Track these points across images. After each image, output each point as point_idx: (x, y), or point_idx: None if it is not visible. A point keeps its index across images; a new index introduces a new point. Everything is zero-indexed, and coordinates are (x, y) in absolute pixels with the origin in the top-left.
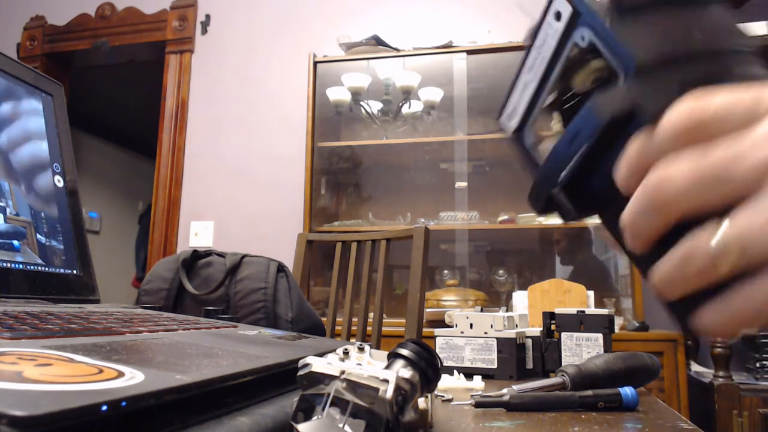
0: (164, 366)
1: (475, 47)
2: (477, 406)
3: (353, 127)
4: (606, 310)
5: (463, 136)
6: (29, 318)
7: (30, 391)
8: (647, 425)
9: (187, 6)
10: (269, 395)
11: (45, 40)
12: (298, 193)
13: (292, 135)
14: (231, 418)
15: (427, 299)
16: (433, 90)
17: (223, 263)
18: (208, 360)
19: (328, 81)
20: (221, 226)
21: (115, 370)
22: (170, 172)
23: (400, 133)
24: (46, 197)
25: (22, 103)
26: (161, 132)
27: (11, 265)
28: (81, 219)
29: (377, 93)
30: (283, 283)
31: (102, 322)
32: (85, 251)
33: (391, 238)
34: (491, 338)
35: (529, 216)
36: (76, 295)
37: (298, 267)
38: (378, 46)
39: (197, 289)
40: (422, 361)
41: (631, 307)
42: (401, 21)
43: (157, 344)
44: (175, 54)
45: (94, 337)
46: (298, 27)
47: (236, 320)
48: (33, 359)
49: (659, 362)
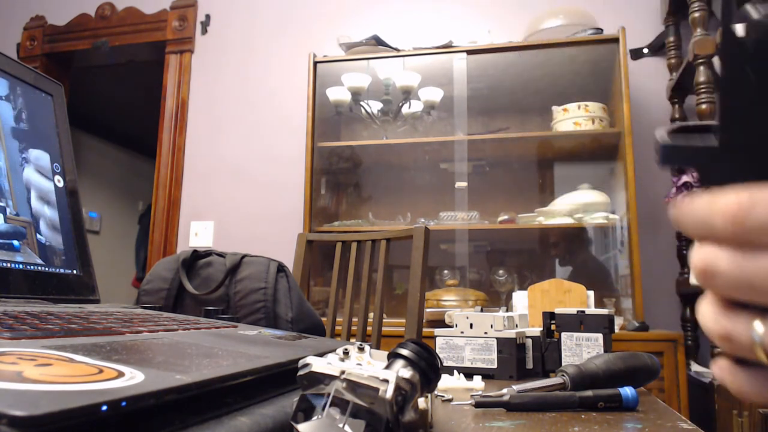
0: (164, 366)
1: (475, 47)
2: (477, 406)
3: (353, 127)
4: (606, 310)
5: (463, 136)
6: (29, 318)
7: (30, 391)
8: (647, 425)
9: (187, 6)
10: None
11: (45, 40)
12: (298, 193)
13: (292, 135)
14: (231, 418)
15: (427, 299)
16: (433, 90)
17: (223, 263)
18: (208, 360)
19: (328, 81)
20: (221, 226)
21: (115, 370)
22: (170, 172)
23: (400, 133)
24: (46, 197)
25: (22, 103)
26: (161, 132)
27: (11, 265)
28: (81, 219)
29: (377, 93)
30: (283, 283)
31: (102, 322)
32: (85, 251)
33: (391, 238)
34: (491, 338)
35: (529, 216)
36: (76, 295)
37: (298, 267)
38: (378, 46)
39: (197, 289)
40: (422, 361)
41: (631, 307)
42: (401, 21)
43: (157, 344)
44: (175, 54)
45: (94, 337)
46: (298, 27)
47: (236, 320)
48: (33, 359)
49: (659, 362)
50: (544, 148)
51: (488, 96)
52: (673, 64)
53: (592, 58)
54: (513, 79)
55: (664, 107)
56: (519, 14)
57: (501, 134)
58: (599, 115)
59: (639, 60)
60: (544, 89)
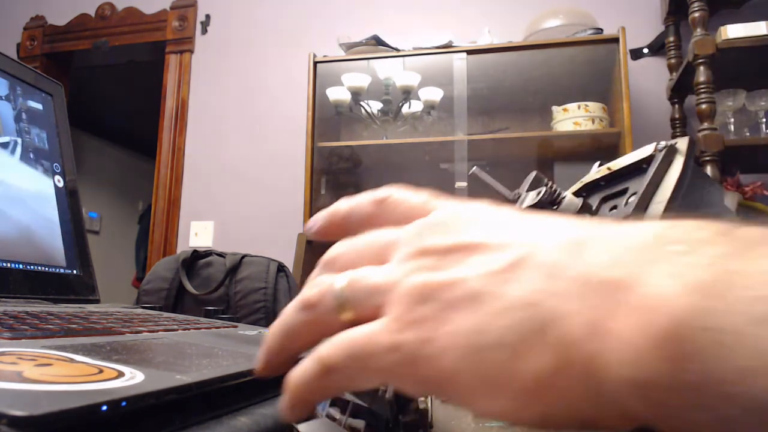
0: (164, 366)
1: (475, 47)
2: None
3: (353, 127)
4: None
5: (463, 136)
6: (29, 318)
7: (30, 391)
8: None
9: (187, 6)
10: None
11: (45, 40)
12: (298, 193)
13: (292, 135)
14: (231, 418)
15: None
16: (433, 90)
17: (223, 263)
18: (208, 360)
19: (328, 81)
20: (221, 226)
21: (115, 370)
22: (170, 172)
23: (400, 133)
24: (45, 197)
25: (22, 103)
26: (161, 132)
27: (11, 265)
28: (81, 219)
29: (377, 93)
30: (283, 283)
31: (102, 322)
32: (85, 251)
33: None
34: None
35: None
36: (76, 295)
37: (298, 267)
38: (378, 46)
39: (197, 289)
40: None
41: None
42: (401, 21)
43: (157, 344)
44: (175, 54)
45: (94, 337)
46: (298, 27)
47: (236, 320)
48: (33, 359)
49: None
50: (544, 148)
51: (488, 96)
52: (673, 64)
53: (591, 58)
54: (513, 79)
55: (664, 107)
56: (519, 14)
57: (501, 134)
58: (599, 115)
59: (639, 60)
60: (544, 89)
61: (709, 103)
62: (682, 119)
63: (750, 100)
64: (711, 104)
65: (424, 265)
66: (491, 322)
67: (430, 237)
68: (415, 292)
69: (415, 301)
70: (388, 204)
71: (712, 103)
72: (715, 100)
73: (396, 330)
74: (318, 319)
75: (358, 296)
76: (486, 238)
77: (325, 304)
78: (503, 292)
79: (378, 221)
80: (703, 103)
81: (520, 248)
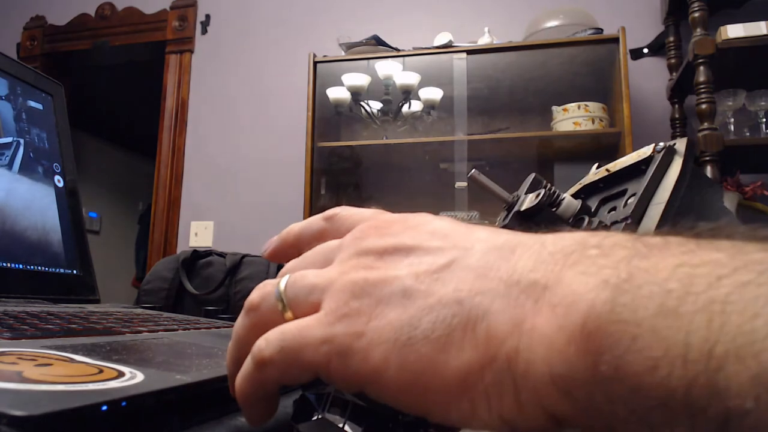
0: (164, 366)
1: (475, 47)
2: None
3: (353, 127)
4: None
5: (463, 136)
6: (29, 318)
7: (30, 391)
8: None
9: (187, 6)
10: None
11: (45, 40)
12: (298, 193)
13: (292, 135)
14: (231, 418)
15: None
16: (433, 90)
17: (223, 263)
18: (208, 360)
19: (328, 81)
20: (221, 226)
21: (115, 370)
22: (170, 172)
23: (400, 133)
24: (46, 197)
25: (22, 103)
26: (161, 132)
27: (11, 265)
28: (81, 219)
29: (377, 93)
30: None
31: (102, 322)
32: (85, 251)
33: None
34: None
35: None
36: (76, 295)
37: None
38: (378, 46)
39: (197, 289)
40: None
41: None
42: (401, 21)
43: (157, 344)
44: (175, 54)
45: (94, 337)
46: (298, 27)
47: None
48: (33, 359)
49: None
50: (544, 148)
51: (488, 96)
52: (673, 64)
53: (591, 58)
54: (513, 79)
55: (664, 107)
56: (519, 14)
57: (501, 134)
58: (599, 115)
59: (639, 60)
60: (544, 89)
61: (709, 103)
62: (682, 119)
63: (750, 100)
64: (711, 104)
65: (361, 264)
66: (420, 317)
67: (369, 239)
68: (349, 288)
69: (350, 296)
70: (337, 219)
71: (712, 103)
72: (715, 100)
73: (328, 323)
74: (262, 321)
75: (298, 295)
76: (422, 242)
77: (267, 305)
78: (434, 290)
79: (328, 236)
80: (703, 103)
81: (452, 252)
